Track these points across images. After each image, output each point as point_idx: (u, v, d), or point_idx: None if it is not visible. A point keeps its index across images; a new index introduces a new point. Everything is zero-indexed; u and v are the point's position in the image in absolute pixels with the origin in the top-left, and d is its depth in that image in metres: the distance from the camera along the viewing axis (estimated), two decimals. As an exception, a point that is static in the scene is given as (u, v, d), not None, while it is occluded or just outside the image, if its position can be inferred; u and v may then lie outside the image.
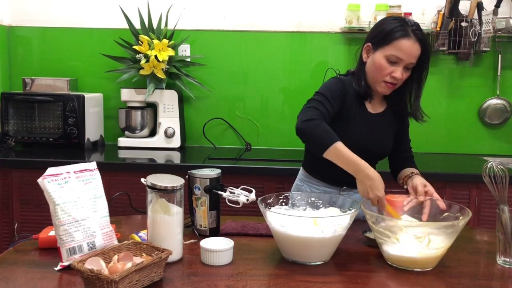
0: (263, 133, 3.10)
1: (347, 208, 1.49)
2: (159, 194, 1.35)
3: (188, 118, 3.08)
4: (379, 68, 1.64)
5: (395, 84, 1.66)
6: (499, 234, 1.42)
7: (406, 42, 1.60)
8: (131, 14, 2.90)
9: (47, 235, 1.44)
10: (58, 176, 1.32)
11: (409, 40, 1.60)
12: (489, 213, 2.42)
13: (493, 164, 1.43)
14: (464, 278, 1.31)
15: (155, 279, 1.22)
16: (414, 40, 1.60)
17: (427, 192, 1.60)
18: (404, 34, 1.60)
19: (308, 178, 1.87)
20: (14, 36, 3.09)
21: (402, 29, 1.61)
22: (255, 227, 1.63)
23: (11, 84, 3.11)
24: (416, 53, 1.62)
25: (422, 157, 2.01)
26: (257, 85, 3.06)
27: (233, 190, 1.53)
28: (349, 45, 2.97)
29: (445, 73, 3.00)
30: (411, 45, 1.60)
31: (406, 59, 1.61)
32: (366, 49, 1.71)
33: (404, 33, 1.60)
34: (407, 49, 1.60)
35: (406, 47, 1.60)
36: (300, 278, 1.28)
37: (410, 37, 1.60)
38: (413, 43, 1.60)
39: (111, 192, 1.73)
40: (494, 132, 3.04)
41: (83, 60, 3.08)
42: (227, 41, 3.04)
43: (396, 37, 1.60)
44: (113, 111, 3.05)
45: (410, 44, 1.60)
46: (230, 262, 1.37)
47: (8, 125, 2.82)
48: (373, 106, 1.77)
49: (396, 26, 1.61)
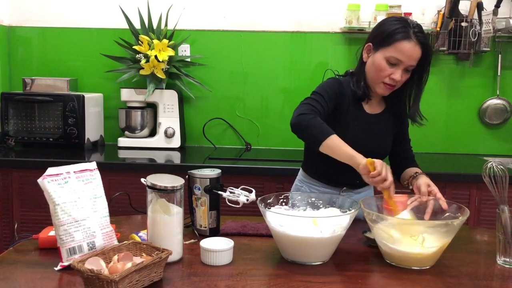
0: (263, 133, 3.10)
1: (347, 208, 1.49)
2: (159, 194, 1.35)
3: (188, 118, 3.08)
4: (378, 69, 1.64)
5: (394, 86, 1.66)
6: (499, 234, 1.42)
7: (407, 45, 1.59)
8: (131, 14, 2.90)
9: (47, 235, 1.44)
10: (58, 176, 1.32)
11: (410, 42, 1.59)
12: (489, 213, 2.42)
13: (493, 164, 1.43)
14: (464, 278, 1.31)
15: (155, 279, 1.22)
16: (415, 42, 1.59)
17: (431, 192, 1.60)
18: (405, 36, 1.59)
19: (308, 179, 1.87)
20: (14, 36, 3.09)
21: (404, 30, 1.59)
22: (255, 227, 1.63)
23: (11, 84, 3.11)
24: (416, 55, 1.61)
25: (422, 157, 2.01)
26: (257, 85, 3.06)
27: (233, 190, 1.53)
28: (349, 45, 2.98)
29: (445, 73, 3.00)
30: (412, 48, 1.59)
31: (406, 61, 1.60)
32: (366, 49, 1.70)
33: (406, 35, 1.59)
34: (407, 51, 1.59)
35: (407, 49, 1.59)
36: (299, 278, 1.28)
37: (411, 39, 1.59)
38: (414, 45, 1.59)
39: (111, 192, 1.74)
40: (494, 132, 3.04)
41: (83, 60, 3.08)
42: (227, 41, 3.04)
43: (397, 39, 1.59)
44: (113, 111, 3.05)
45: (411, 46, 1.59)
46: (230, 262, 1.36)
47: (8, 125, 2.82)
48: (371, 107, 1.77)
49: (398, 28, 1.60)
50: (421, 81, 1.70)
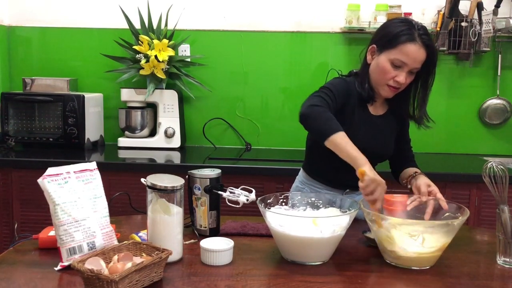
0: (263, 133, 3.10)
1: (347, 208, 1.49)
2: (159, 194, 1.35)
3: (188, 118, 3.08)
4: (383, 72, 1.63)
5: (398, 88, 1.65)
6: (499, 234, 1.42)
7: (412, 47, 1.57)
8: (131, 14, 2.90)
9: (47, 235, 1.44)
10: (58, 176, 1.32)
11: (415, 44, 1.57)
12: (489, 213, 2.42)
13: (493, 164, 1.43)
14: (464, 278, 1.32)
15: (155, 279, 1.22)
16: (420, 45, 1.58)
17: (431, 192, 1.59)
18: (410, 38, 1.58)
19: (309, 180, 1.86)
20: (14, 36, 3.09)
21: (409, 33, 1.58)
22: (255, 227, 1.63)
23: (11, 84, 3.11)
24: (421, 58, 1.60)
25: (422, 157, 2.01)
26: (257, 85, 3.06)
27: (233, 190, 1.53)
28: (349, 45, 2.97)
29: (445, 73, 3.00)
30: (417, 50, 1.58)
31: (411, 63, 1.59)
32: (370, 51, 1.69)
33: (410, 37, 1.58)
34: (412, 53, 1.58)
35: (412, 51, 1.58)
36: (299, 278, 1.28)
37: (416, 41, 1.57)
38: (418, 48, 1.58)
39: (111, 192, 1.74)
40: (494, 132, 3.04)
41: (83, 60, 3.08)
42: (227, 41, 3.04)
43: (402, 41, 1.58)
44: (113, 111, 3.05)
45: (416, 49, 1.58)
46: (230, 262, 1.36)
47: (8, 125, 2.82)
48: (375, 108, 1.76)
49: (403, 30, 1.59)
50: (427, 83, 1.68)
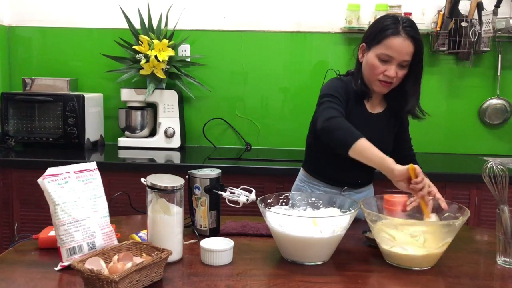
0: (263, 133, 3.10)
1: (347, 208, 1.49)
2: (159, 194, 1.35)
3: (188, 118, 3.08)
4: (372, 68, 1.65)
5: (391, 83, 1.66)
6: (499, 234, 1.42)
7: (396, 40, 1.59)
8: (131, 14, 2.90)
9: (47, 235, 1.44)
10: (58, 176, 1.32)
11: (399, 37, 1.59)
12: (489, 213, 2.42)
13: (493, 164, 1.43)
14: (464, 278, 1.31)
15: (155, 279, 1.22)
16: (405, 37, 1.59)
17: (430, 193, 1.59)
18: (394, 32, 1.60)
19: (309, 178, 1.87)
20: (14, 36, 3.09)
21: (393, 27, 1.60)
22: (255, 227, 1.63)
23: (11, 84, 3.11)
24: (407, 49, 1.60)
25: (422, 157, 2.01)
26: (257, 85, 3.06)
27: (233, 190, 1.53)
28: (349, 45, 2.97)
29: (445, 73, 3.00)
30: (401, 42, 1.59)
31: (398, 57, 1.61)
32: (361, 49, 1.72)
33: (394, 31, 1.60)
34: (397, 46, 1.59)
35: (396, 44, 1.59)
36: (299, 278, 1.28)
37: (399, 34, 1.59)
38: (403, 40, 1.59)
39: (111, 192, 1.74)
40: (494, 132, 3.04)
41: (83, 60, 3.08)
42: (227, 41, 3.04)
43: (386, 36, 1.60)
44: (113, 111, 3.05)
45: (400, 41, 1.59)
46: (230, 262, 1.37)
47: (8, 125, 2.82)
48: (372, 106, 1.77)
49: (388, 25, 1.62)
50: (415, 74, 1.68)
